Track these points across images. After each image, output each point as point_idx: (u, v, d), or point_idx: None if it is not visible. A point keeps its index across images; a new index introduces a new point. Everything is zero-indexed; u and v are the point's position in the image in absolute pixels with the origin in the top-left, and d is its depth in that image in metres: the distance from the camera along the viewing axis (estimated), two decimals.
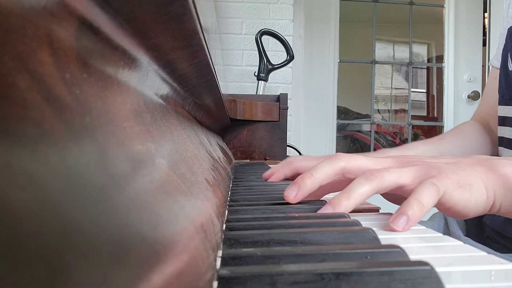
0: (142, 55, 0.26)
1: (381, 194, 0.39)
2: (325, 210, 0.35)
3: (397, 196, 0.38)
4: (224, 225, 0.30)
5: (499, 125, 0.66)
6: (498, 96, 0.67)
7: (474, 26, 2.27)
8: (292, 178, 0.60)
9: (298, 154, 1.51)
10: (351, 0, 2.30)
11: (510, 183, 0.36)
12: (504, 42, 0.67)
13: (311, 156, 0.54)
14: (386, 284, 0.19)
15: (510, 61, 0.62)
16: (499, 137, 0.66)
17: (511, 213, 0.38)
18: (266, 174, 0.61)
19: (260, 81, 1.54)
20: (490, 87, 0.75)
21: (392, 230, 0.32)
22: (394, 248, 0.23)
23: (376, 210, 0.43)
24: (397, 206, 0.34)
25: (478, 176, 0.36)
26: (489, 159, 0.39)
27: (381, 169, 0.36)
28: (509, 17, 0.68)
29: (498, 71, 0.68)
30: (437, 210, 0.73)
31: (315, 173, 0.37)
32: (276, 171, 0.58)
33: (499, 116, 0.66)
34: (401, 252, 0.23)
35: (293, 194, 0.36)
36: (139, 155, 0.18)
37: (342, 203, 0.34)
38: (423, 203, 0.32)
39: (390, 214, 0.36)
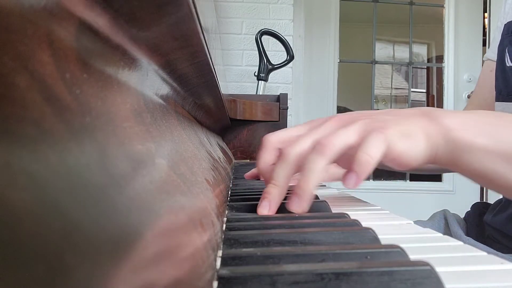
0: (142, 55, 0.26)
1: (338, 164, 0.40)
2: (292, 202, 0.34)
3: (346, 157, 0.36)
4: (224, 225, 0.30)
5: None
6: (493, 91, 0.66)
7: (474, 26, 2.28)
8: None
9: None
10: (351, 0, 2.30)
11: (448, 134, 0.36)
12: (500, 37, 0.66)
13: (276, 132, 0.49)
14: (386, 284, 0.19)
15: (508, 57, 0.61)
16: None
17: (446, 164, 0.38)
18: (247, 175, 0.62)
19: (260, 81, 1.54)
20: (483, 80, 0.73)
21: (346, 186, 0.33)
22: (394, 248, 0.23)
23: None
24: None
25: (420, 126, 0.36)
26: (434, 110, 0.38)
27: (327, 134, 0.35)
28: (506, 13, 0.67)
29: (494, 64, 0.67)
30: (437, 210, 0.74)
31: (277, 182, 0.36)
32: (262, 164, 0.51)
33: None
34: (401, 252, 0.23)
35: (266, 209, 0.35)
36: (139, 155, 0.18)
37: (305, 192, 0.34)
38: (370, 155, 0.33)
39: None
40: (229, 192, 0.49)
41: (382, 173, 2.26)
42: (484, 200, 2.14)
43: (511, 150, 0.35)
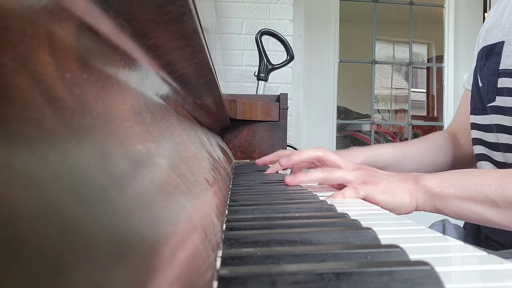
0: (142, 55, 0.26)
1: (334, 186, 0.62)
2: (288, 178, 0.58)
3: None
4: (224, 225, 0.30)
5: (472, 129, 0.80)
6: (468, 114, 0.80)
7: (474, 26, 2.27)
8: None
9: None
10: (351, 0, 2.30)
11: (427, 191, 0.54)
12: (475, 64, 0.81)
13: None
14: (386, 284, 0.19)
15: (479, 79, 0.77)
16: (473, 138, 0.80)
17: (429, 210, 0.54)
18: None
19: (260, 81, 1.54)
20: (461, 106, 0.90)
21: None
22: (394, 248, 0.23)
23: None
24: None
25: (404, 187, 0.54)
26: (416, 175, 0.56)
27: (339, 170, 0.57)
28: (478, 44, 0.83)
29: (469, 93, 0.83)
30: (437, 220, 0.80)
31: (301, 153, 0.62)
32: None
33: (471, 123, 0.80)
34: (401, 252, 0.23)
35: (284, 161, 0.62)
36: (139, 155, 0.18)
37: (300, 178, 0.58)
38: (345, 195, 0.52)
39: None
40: (229, 192, 0.49)
41: None
42: None
43: (473, 194, 0.51)
